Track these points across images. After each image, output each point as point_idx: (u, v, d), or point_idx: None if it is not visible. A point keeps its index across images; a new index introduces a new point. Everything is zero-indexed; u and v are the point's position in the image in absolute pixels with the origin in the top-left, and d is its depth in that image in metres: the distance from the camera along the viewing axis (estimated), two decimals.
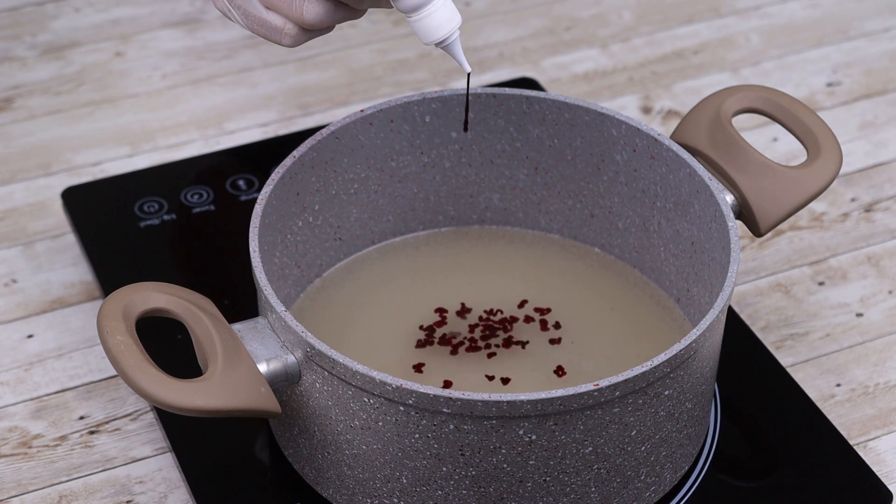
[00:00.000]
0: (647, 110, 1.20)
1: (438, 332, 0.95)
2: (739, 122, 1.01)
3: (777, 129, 1.16)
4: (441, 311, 0.96)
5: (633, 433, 0.82)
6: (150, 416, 0.96)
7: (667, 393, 0.82)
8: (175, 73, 1.22)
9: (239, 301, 0.94)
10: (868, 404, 0.98)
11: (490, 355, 0.93)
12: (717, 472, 0.91)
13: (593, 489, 0.84)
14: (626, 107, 1.20)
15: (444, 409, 0.79)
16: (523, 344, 0.94)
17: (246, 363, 0.81)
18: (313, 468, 0.87)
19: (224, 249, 1.04)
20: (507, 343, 0.94)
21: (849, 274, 1.06)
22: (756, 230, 0.90)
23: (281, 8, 0.81)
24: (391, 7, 0.81)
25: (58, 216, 1.09)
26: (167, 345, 0.97)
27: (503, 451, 0.80)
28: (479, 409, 0.78)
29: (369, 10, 0.91)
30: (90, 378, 0.98)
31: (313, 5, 0.81)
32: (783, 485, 0.91)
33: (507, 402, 0.78)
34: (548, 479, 0.82)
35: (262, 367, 0.82)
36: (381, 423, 0.81)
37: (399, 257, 1.00)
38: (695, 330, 0.82)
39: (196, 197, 1.08)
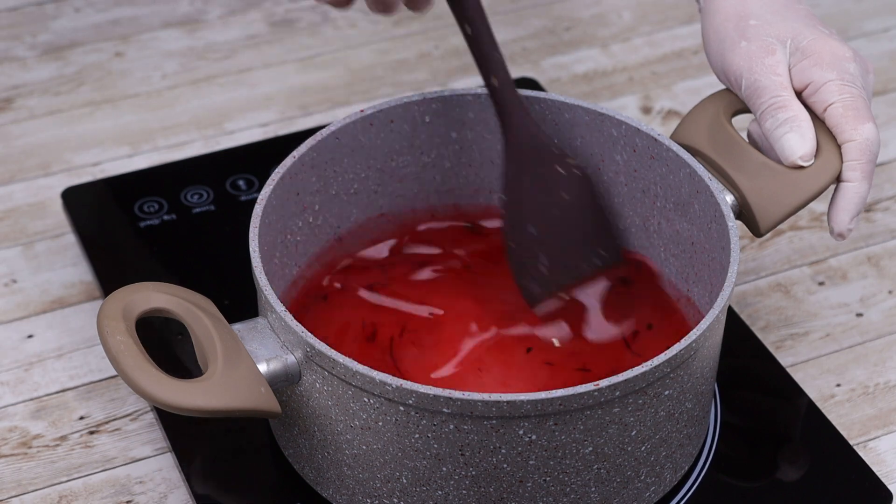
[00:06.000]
0: (647, 110, 1.20)
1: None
2: (739, 122, 1.01)
3: None
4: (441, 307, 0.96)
5: (633, 433, 0.82)
6: (150, 416, 0.96)
7: (667, 393, 0.82)
8: (175, 73, 1.22)
9: (239, 301, 0.94)
10: (868, 404, 0.98)
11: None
12: (717, 472, 0.91)
13: (593, 489, 0.84)
14: (626, 107, 1.20)
15: (444, 409, 0.79)
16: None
17: (246, 363, 0.81)
18: (313, 468, 0.87)
19: (224, 249, 1.04)
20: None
21: (849, 274, 1.06)
22: (756, 230, 0.90)
23: None
24: None
25: (58, 216, 1.09)
26: (167, 345, 0.97)
27: (503, 451, 0.80)
28: (479, 409, 0.78)
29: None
30: (90, 378, 0.98)
31: None
32: (783, 485, 0.91)
33: (507, 402, 0.78)
34: (548, 479, 0.82)
35: (262, 367, 0.82)
36: (381, 423, 0.81)
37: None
38: (695, 330, 0.82)
39: (196, 197, 1.08)
